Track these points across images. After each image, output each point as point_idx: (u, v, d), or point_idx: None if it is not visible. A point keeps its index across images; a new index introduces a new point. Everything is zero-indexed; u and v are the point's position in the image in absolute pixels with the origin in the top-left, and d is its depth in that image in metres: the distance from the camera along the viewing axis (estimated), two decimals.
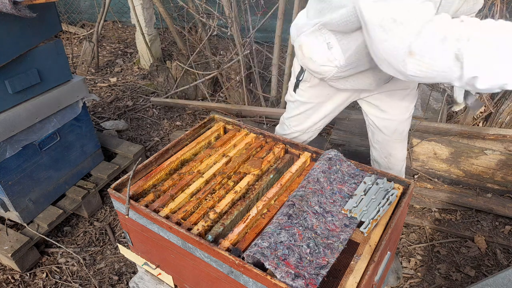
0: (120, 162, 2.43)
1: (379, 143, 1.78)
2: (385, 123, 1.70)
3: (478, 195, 2.23)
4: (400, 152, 1.79)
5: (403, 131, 1.73)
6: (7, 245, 1.85)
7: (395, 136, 1.73)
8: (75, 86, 2.07)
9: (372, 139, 1.81)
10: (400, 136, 1.73)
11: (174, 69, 3.33)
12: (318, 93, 1.60)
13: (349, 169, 1.38)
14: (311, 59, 1.39)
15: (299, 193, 1.24)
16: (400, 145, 1.77)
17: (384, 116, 1.67)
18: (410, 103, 1.67)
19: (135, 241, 1.42)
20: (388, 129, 1.71)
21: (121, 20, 4.83)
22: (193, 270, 1.23)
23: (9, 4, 1.47)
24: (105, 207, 2.33)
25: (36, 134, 1.93)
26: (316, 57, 1.37)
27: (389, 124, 1.69)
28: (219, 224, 1.18)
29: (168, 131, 3.04)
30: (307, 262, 1.04)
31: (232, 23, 2.79)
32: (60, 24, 1.92)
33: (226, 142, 1.55)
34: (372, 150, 1.86)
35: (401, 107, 1.65)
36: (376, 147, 1.81)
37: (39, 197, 2.02)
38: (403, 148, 1.80)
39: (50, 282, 1.91)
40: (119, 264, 2.00)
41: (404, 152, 1.82)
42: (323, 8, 1.30)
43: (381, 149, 1.79)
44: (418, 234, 2.11)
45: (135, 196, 1.30)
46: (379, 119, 1.69)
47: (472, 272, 1.89)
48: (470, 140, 2.29)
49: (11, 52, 1.70)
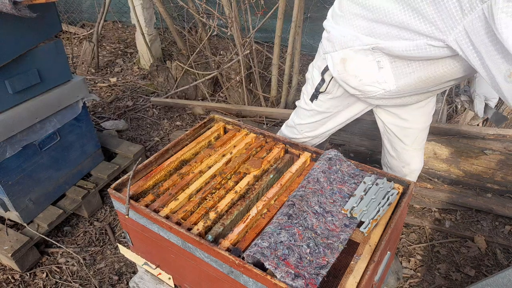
0: (120, 162, 2.43)
1: (397, 152, 1.68)
2: (405, 132, 1.60)
3: (478, 195, 2.23)
4: (418, 161, 1.70)
5: (422, 140, 1.65)
6: (7, 245, 1.85)
7: (415, 145, 1.64)
8: (75, 86, 2.07)
9: (389, 147, 1.71)
10: (419, 145, 1.65)
11: (174, 69, 3.33)
12: (338, 103, 1.52)
13: (349, 169, 1.38)
14: (356, 77, 1.28)
15: (299, 193, 1.24)
16: (418, 154, 1.68)
17: (405, 124, 1.57)
18: (432, 109, 1.57)
19: (135, 241, 1.42)
20: (408, 138, 1.61)
21: (121, 20, 4.82)
22: (193, 270, 1.24)
23: (9, 4, 1.47)
24: (105, 207, 2.33)
25: (36, 134, 1.93)
26: (363, 75, 1.27)
27: (409, 133, 1.60)
28: (219, 224, 1.18)
29: (168, 131, 3.04)
30: (307, 262, 1.04)
31: (232, 23, 2.79)
32: (60, 24, 1.92)
33: (226, 142, 1.55)
34: (389, 158, 1.76)
35: (423, 114, 1.56)
36: (394, 155, 1.71)
37: (39, 197, 2.02)
38: (421, 156, 1.71)
39: (50, 282, 1.91)
40: (119, 264, 2.00)
41: (421, 160, 1.72)
42: (377, 29, 1.16)
43: (399, 158, 1.69)
44: (418, 234, 2.12)
45: (135, 196, 1.30)
46: (399, 128, 1.59)
47: (472, 272, 1.89)
48: (470, 140, 2.29)
49: (11, 52, 1.70)
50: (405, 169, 1.72)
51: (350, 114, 1.59)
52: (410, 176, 1.74)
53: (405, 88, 1.26)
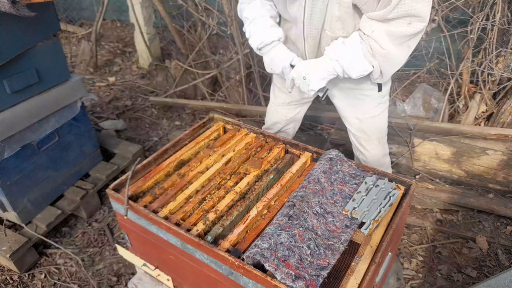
0: (119, 162, 2.41)
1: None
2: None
3: (479, 195, 2.22)
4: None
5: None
6: (5, 246, 1.84)
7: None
8: (73, 86, 2.06)
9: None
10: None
11: (173, 69, 3.32)
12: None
13: (350, 169, 1.37)
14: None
15: (299, 193, 1.22)
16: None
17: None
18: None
19: (134, 242, 1.41)
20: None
21: (120, 19, 4.81)
22: (192, 271, 1.22)
23: (8, 3, 1.46)
24: (104, 207, 2.32)
25: (34, 134, 1.91)
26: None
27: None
28: (219, 225, 1.17)
29: (167, 131, 3.03)
30: (308, 263, 1.03)
31: (231, 22, 2.78)
32: (58, 23, 1.91)
33: (226, 142, 1.54)
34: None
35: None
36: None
37: (38, 197, 2.01)
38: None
39: (48, 283, 1.90)
40: (118, 265, 1.99)
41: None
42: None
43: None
44: (420, 235, 2.10)
45: (134, 197, 1.29)
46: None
47: (474, 273, 1.88)
48: (471, 140, 2.28)
49: (10, 52, 1.69)
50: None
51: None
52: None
53: None
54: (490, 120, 2.52)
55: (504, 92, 2.49)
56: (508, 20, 2.37)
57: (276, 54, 1.46)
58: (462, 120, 2.59)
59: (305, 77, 1.35)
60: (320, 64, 1.37)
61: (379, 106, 1.62)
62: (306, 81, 1.35)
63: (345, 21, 1.31)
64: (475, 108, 2.55)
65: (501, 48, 2.38)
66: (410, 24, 1.21)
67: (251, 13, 1.48)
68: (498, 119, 2.44)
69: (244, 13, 1.51)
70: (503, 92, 2.49)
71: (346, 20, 1.31)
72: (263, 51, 1.50)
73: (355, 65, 1.33)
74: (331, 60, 1.34)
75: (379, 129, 1.69)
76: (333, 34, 1.36)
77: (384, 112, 1.66)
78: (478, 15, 2.37)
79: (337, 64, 1.34)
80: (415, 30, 1.22)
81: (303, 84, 1.38)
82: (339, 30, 1.35)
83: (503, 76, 2.43)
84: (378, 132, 1.70)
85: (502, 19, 2.33)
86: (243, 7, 1.53)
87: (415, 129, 2.41)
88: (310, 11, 1.31)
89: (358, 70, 1.34)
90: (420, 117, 2.66)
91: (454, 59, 2.62)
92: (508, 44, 2.37)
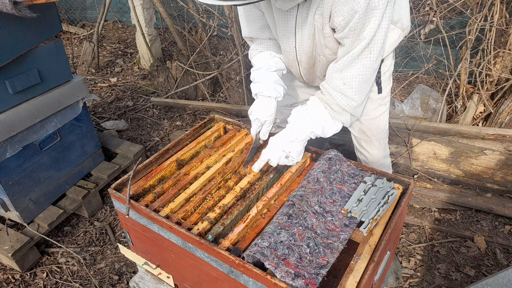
0: (120, 162, 2.43)
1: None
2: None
3: (477, 195, 2.24)
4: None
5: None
6: (7, 245, 1.85)
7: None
8: (75, 86, 2.07)
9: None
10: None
11: (174, 69, 3.34)
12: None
13: (349, 169, 1.38)
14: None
15: (299, 193, 1.24)
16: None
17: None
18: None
19: (135, 241, 1.42)
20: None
21: (121, 20, 4.83)
22: (193, 270, 1.24)
23: (10, 4, 1.47)
24: (106, 207, 2.34)
25: (36, 134, 1.93)
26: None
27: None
28: (219, 224, 1.18)
29: (168, 131, 3.04)
30: (307, 262, 1.05)
31: (232, 23, 2.80)
32: (60, 24, 1.92)
33: (226, 142, 1.56)
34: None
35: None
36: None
37: (40, 197, 2.03)
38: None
39: (50, 282, 1.91)
40: (120, 264, 2.00)
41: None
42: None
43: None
44: (418, 234, 2.12)
45: (135, 196, 1.30)
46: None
47: (472, 272, 1.90)
48: (469, 140, 2.30)
49: (12, 52, 1.70)
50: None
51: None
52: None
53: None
54: (488, 120, 2.53)
55: (502, 92, 2.50)
56: (506, 21, 2.38)
57: (267, 108, 1.47)
58: (460, 120, 2.60)
59: (288, 155, 1.37)
60: (294, 138, 1.37)
61: (380, 107, 1.63)
62: (290, 158, 1.37)
63: (332, 47, 1.35)
64: (473, 109, 2.56)
65: (499, 49, 2.39)
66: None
67: (259, 62, 1.52)
68: (496, 119, 2.45)
69: (253, 60, 1.58)
70: (501, 93, 2.51)
71: (333, 47, 1.35)
72: (257, 97, 1.52)
73: (328, 129, 1.39)
74: (305, 132, 1.37)
75: (380, 130, 1.70)
76: (326, 58, 1.41)
77: (384, 114, 1.68)
78: (476, 16, 2.38)
79: (312, 134, 1.39)
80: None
81: (288, 161, 1.39)
82: (330, 56, 1.39)
83: (501, 76, 2.44)
84: (378, 134, 1.71)
85: (500, 20, 2.34)
86: (253, 54, 1.57)
87: (413, 129, 2.42)
88: (300, 39, 1.37)
89: (332, 131, 1.41)
90: (418, 118, 2.67)
91: (452, 60, 2.63)
92: (506, 45, 2.38)
